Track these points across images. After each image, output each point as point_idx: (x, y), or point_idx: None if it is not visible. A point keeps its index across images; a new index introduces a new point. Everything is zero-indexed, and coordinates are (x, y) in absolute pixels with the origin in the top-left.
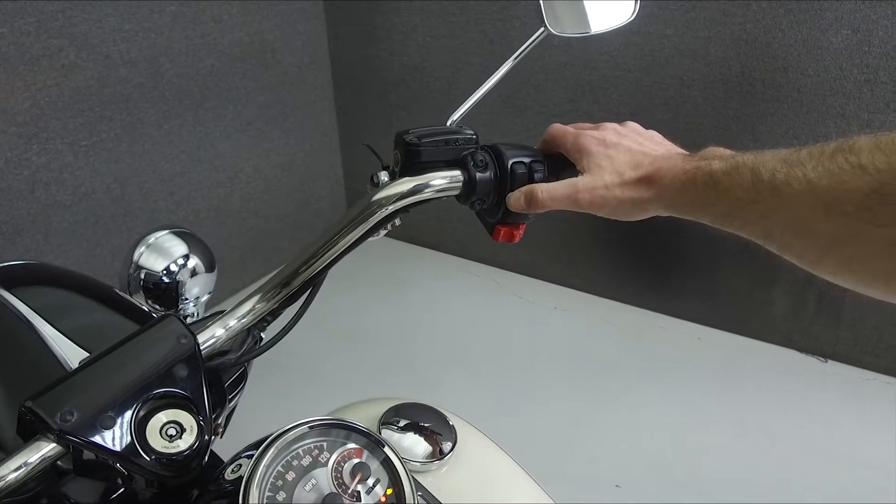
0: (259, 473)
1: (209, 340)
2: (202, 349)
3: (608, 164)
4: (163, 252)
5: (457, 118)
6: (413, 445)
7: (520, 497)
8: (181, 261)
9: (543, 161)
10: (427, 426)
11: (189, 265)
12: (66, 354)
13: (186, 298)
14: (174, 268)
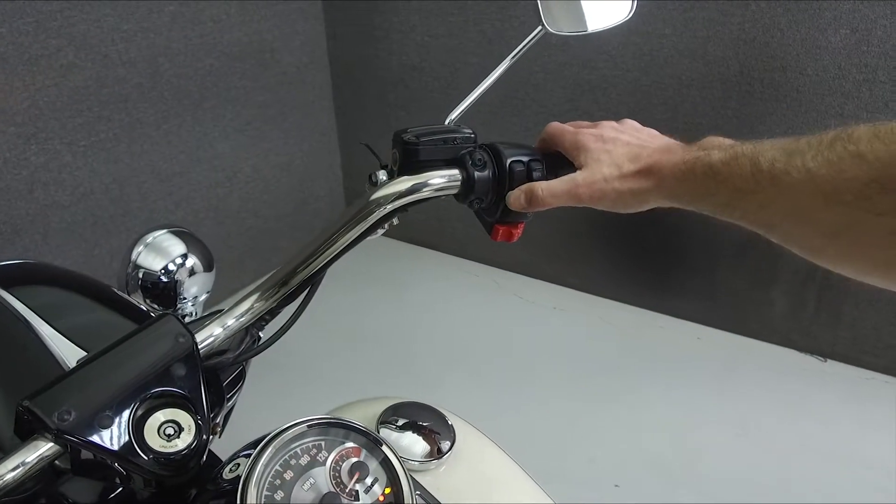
0: (257, 473)
1: (207, 339)
2: (200, 348)
3: (606, 158)
4: (161, 251)
5: (455, 117)
6: (411, 444)
7: (518, 496)
8: (179, 260)
9: (541, 160)
10: (425, 425)
11: (187, 264)
12: (64, 354)
13: (185, 298)
14: (172, 267)
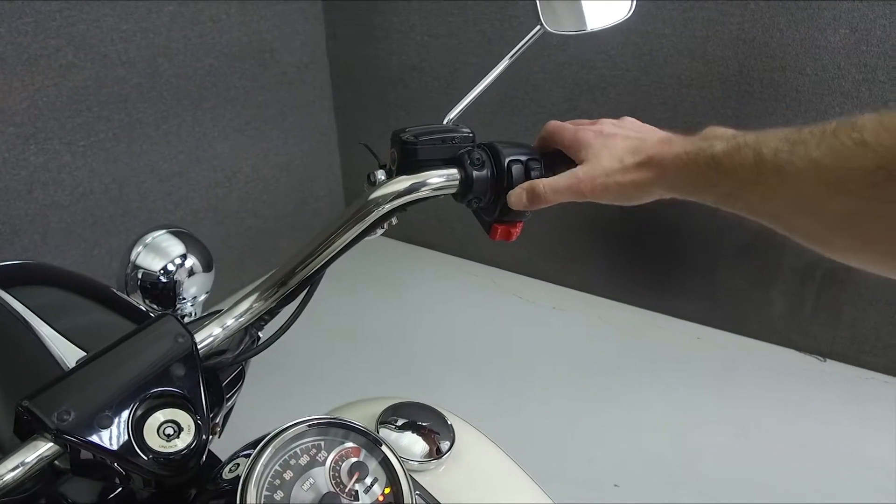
0: (257, 473)
1: (206, 339)
2: (199, 348)
3: (607, 153)
4: (160, 252)
5: (453, 116)
6: (411, 444)
7: (518, 496)
8: (178, 260)
9: (540, 159)
10: (425, 425)
11: (186, 265)
12: (64, 354)
13: (184, 298)
14: (171, 267)
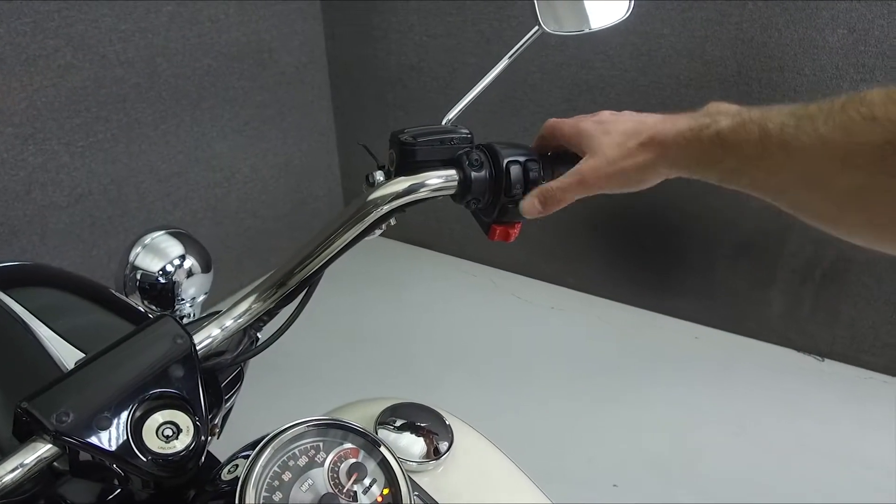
0: (255, 474)
1: (205, 341)
2: (198, 349)
3: (607, 140)
4: (159, 252)
5: (452, 117)
6: (409, 445)
7: (516, 496)
8: (177, 261)
9: (538, 159)
10: (423, 426)
11: (185, 266)
12: (62, 355)
13: (183, 299)
14: (170, 268)
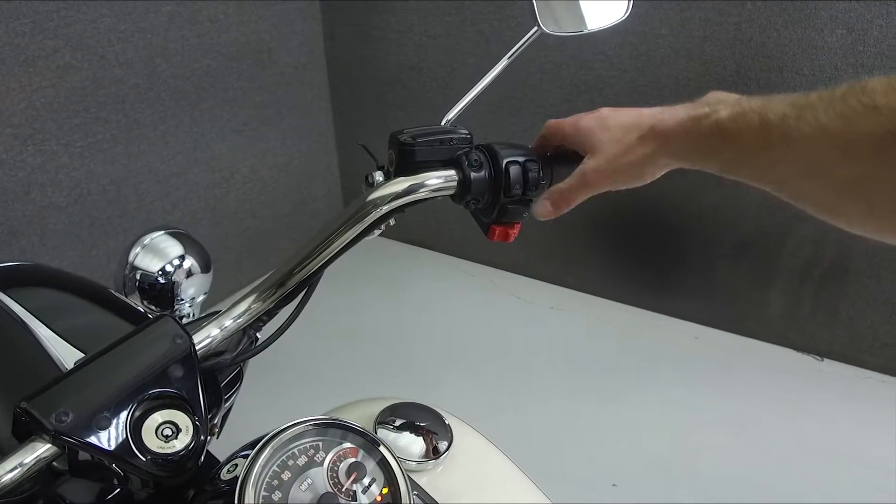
0: (255, 473)
1: (205, 340)
2: (198, 349)
3: (607, 136)
4: (158, 253)
5: (451, 118)
6: (409, 445)
7: (516, 496)
8: (177, 261)
9: (537, 159)
10: (423, 425)
11: (184, 266)
12: (62, 355)
13: (182, 299)
14: (170, 268)
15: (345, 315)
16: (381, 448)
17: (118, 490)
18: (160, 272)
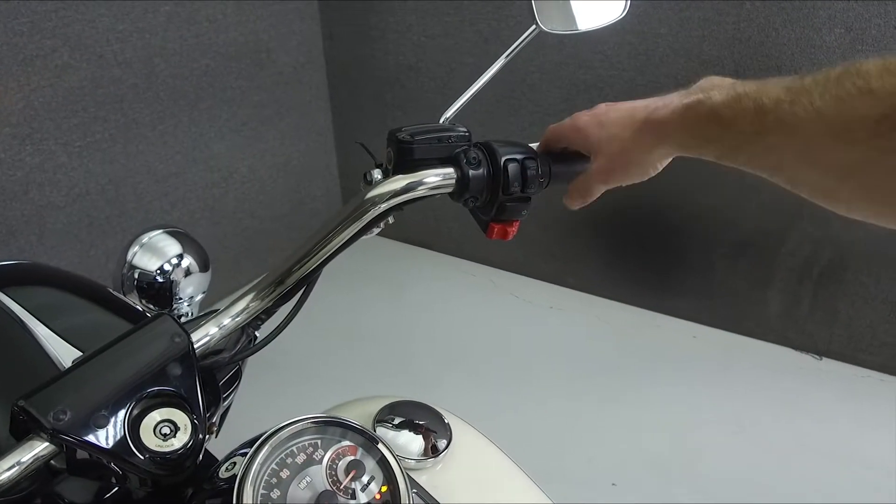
0: (253, 471)
1: (203, 339)
2: (196, 348)
3: (604, 135)
4: (157, 252)
5: (450, 116)
6: (408, 443)
7: (515, 494)
8: (175, 260)
9: (536, 157)
10: (422, 424)
11: (183, 265)
12: (60, 354)
13: (180, 298)
14: (168, 267)
15: (343, 314)
16: (380, 446)
17: (116, 489)
18: (158, 271)
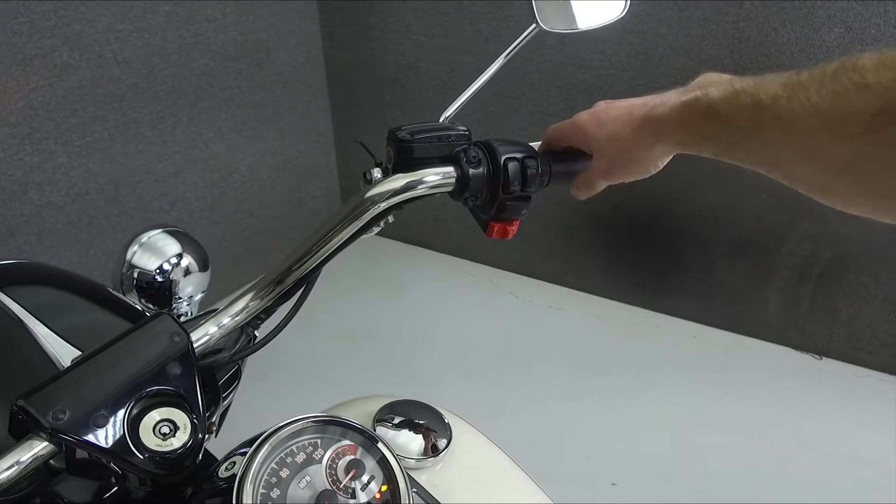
0: (253, 471)
1: (202, 338)
2: (195, 347)
3: (604, 134)
4: (156, 251)
5: (450, 114)
6: (408, 442)
7: (515, 493)
8: (174, 259)
9: (536, 156)
10: (422, 423)
11: (182, 264)
12: (59, 353)
13: (180, 297)
14: (167, 267)
15: (343, 314)
16: (380, 445)
17: (116, 488)
18: (158, 270)
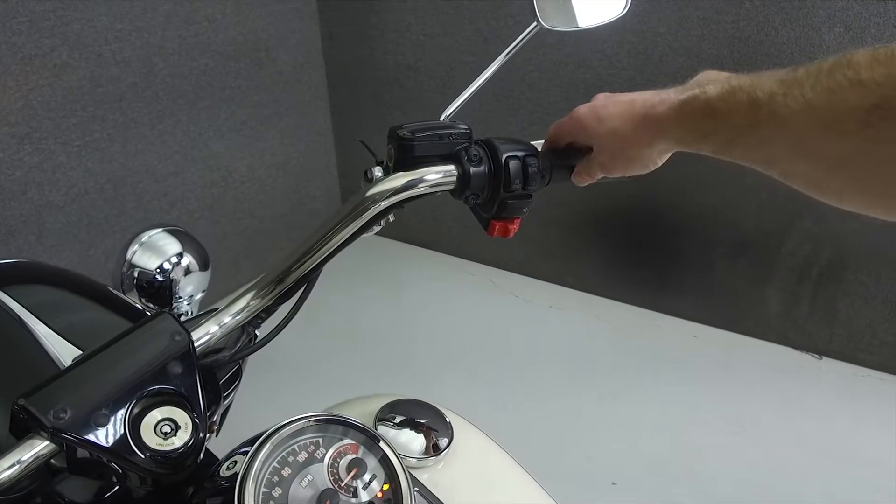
0: (255, 470)
1: (203, 338)
2: (196, 346)
3: (603, 129)
4: (156, 250)
5: (450, 113)
6: (409, 441)
7: (516, 493)
8: (175, 259)
9: (537, 154)
10: (423, 422)
11: (183, 263)
12: (60, 353)
13: (180, 297)
14: (168, 266)
15: (344, 314)
16: (382, 444)
17: (117, 487)
18: (158, 270)
